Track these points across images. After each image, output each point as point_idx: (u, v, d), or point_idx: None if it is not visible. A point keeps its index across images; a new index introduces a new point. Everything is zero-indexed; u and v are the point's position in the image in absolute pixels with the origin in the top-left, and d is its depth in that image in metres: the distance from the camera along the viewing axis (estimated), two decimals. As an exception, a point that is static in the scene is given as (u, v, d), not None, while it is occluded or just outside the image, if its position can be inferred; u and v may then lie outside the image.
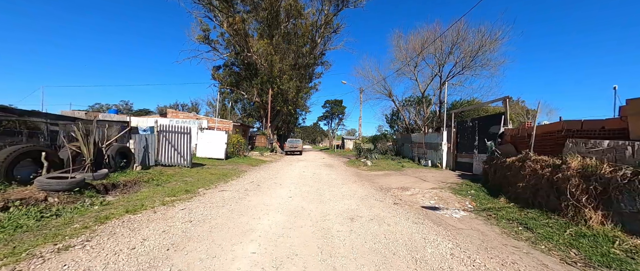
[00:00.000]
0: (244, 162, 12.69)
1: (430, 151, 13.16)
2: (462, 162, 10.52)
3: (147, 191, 5.44)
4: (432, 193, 6.10)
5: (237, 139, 14.49)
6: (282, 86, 26.64)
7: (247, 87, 29.78)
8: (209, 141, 12.41)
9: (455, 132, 11.03)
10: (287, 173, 9.65)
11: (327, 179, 8.11)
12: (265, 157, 17.87)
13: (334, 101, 54.52)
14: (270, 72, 26.80)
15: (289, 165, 12.96)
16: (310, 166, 12.95)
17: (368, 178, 8.88)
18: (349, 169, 11.91)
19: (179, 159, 8.89)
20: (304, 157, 21.00)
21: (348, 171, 11.04)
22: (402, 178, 8.90)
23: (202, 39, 28.21)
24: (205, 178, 7.50)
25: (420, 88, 17.34)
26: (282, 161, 15.49)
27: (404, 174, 9.74)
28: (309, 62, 30.73)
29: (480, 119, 9.73)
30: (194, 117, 17.18)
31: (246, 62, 28.66)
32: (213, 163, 11.30)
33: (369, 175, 9.79)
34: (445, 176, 9.11)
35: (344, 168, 12.84)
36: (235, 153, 14.60)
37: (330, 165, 13.89)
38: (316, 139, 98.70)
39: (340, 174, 9.89)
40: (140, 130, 14.22)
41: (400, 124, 19.96)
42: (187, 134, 8.81)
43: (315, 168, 12.05)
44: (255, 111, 32.77)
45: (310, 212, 4.16)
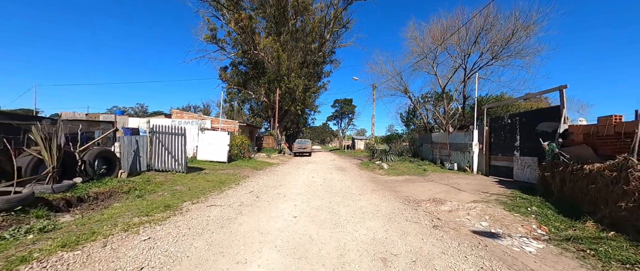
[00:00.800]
0: (248, 165, 11.66)
1: (455, 152, 11.62)
2: (498, 166, 8.97)
3: (120, 206, 4.41)
4: (477, 209, 4.73)
5: (241, 140, 13.52)
6: (290, 85, 25.61)
7: (255, 87, 29.00)
8: (210, 143, 11.46)
9: (488, 131, 9.49)
10: (294, 179, 8.48)
11: (340, 188, 6.87)
12: (272, 159, 16.84)
13: (343, 100, 53.11)
14: (278, 71, 25.85)
15: (296, 169, 11.81)
16: (320, 169, 11.75)
17: (388, 186, 7.56)
18: (364, 174, 10.61)
19: (173, 163, 7.92)
20: (313, 159, 19.85)
21: (363, 176, 9.74)
22: (429, 185, 7.51)
23: (209, 39, 27.66)
24: (198, 186, 6.44)
25: (440, 83, 15.74)
26: (289, 164, 14.39)
27: (429, 181, 8.34)
28: (317, 60, 29.57)
29: (523, 115, 8.18)
30: (198, 118, 16.41)
31: (253, 61, 27.87)
32: (213, 167, 10.31)
33: (388, 181, 8.46)
34: (482, 183, 7.64)
35: (358, 171, 11.54)
36: (240, 155, 13.63)
37: (342, 168, 12.63)
38: (325, 140, 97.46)
39: (354, 180, 8.62)
40: (141, 132, 13.50)
41: (418, 122, 18.37)
42: (180, 135, 7.83)
43: (325, 172, 10.84)
44: (263, 111, 31.95)
45: (321, 246, 2.94)
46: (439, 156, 13.21)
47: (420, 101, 18.49)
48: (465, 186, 7.21)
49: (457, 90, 15.74)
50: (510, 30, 11.41)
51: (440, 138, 13.26)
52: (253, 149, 17.29)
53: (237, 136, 13.77)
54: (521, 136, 7.96)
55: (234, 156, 13.37)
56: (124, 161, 7.05)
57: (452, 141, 11.80)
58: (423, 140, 15.96)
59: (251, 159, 14.37)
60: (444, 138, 12.79)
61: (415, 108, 18.23)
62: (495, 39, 12.07)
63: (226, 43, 28.66)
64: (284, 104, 27.96)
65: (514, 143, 8.25)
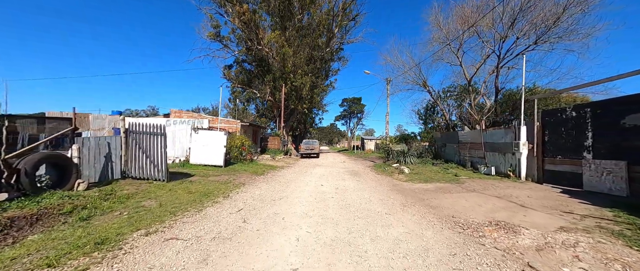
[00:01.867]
0: (248, 170, 10.18)
1: (492, 154, 9.74)
2: (556, 171, 7.09)
3: (36, 240, 2.95)
4: (584, 246, 2.99)
5: (241, 141, 12.08)
6: (296, 82, 24.14)
7: (259, 86, 27.71)
8: (204, 144, 10.05)
9: (540, 127, 7.61)
10: (299, 188, 6.90)
11: (358, 202, 5.23)
12: (276, 161, 15.36)
13: (352, 99, 51.25)
14: (283, 67, 24.45)
15: (303, 173, 10.24)
16: (329, 174, 10.13)
17: (418, 197, 5.86)
18: (382, 180, 8.91)
19: (152, 169, 6.50)
20: (321, 161, 18.24)
21: (382, 183, 8.05)
22: (474, 197, 5.75)
23: (212, 37, 26.56)
24: (174, 200, 4.96)
25: (465, 74, 13.81)
26: (295, 167, 12.84)
27: (469, 190, 6.57)
28: (325, 56, 27.98)
29: (598, 105, 6.28)
30: (198, 117, 15.14)
31: (258, 58, 26.58)
32: (206, 172, 8.88)
33: (415, 190, 6.75)
34: (546, 195, 5.81)
35: (374, 176, 9.85)
36: (240, 158, 12.19)
37: (354, 172, 10.95)
38: (333, 140, 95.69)
39: (374, 189, 6.95)
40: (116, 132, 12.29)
41: (439, 120, 16.46)
42: (159, 135, 6.40)
43: (336, 177, 9.21)
44: (269, 110, 30.64)
45: None
46: (469, 158, 11.31)
47: (440, 95, 16.56)
48: (527, 199, 5.41)
49: (486, 82, 13.76)
50: (562, 5, 9.40)
51: (471, 137, 11.36)
52: (256, 151, 15.86)
53: (237, 137, 12.35)
54: (595, 132, 6.07)
55: (232, 158, 11.95)
56: (88, 168, 5.67)
57: (487, 141, 9.91)
58: (446, 139, 14.05)
59: (253, 162, 12.91)
60: (475, 136, 10.90)
61: (436, 104, 16.32)
62: (539, 18, 10.09)
63: (230, 41, 27.47)
64: (290, 103, 26.52)
65: (582, 142, 6.36)
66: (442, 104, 16.39)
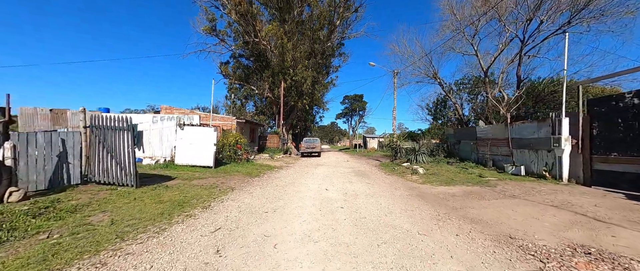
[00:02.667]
0: (241, 171, 8.98)
1: (521, 151, 8.50)
2: (611, 171, 5.85)
3: None
4: None
5: (235, 138, 10.87)
6: (296, 77, 22.91)
7: (258, 82, 26.50)
8: (191, 142, 8.85)
9: (587, 119, 6.36)
10: (299, 193, 5.69)
11: (376, 215, 4.02)
12: (275, 161, 14.17)
13: (353, 96, 49.95)
14: (282, 62, 23.21)
15: (303, 175, 9.03)
16: (334, 175, 8.93)
17: (449, 206, 4.65)
18: (395, 182, 7.69)
19: (118, 172, 5.30)
20: (323, 160, 17.03)
21: (396, 186, 6.84)
22: (520, 206, 4.54)
23: (208, 31, 25.30)
24: (134, 215, 3.76)
25: (481, 64, 12.55)
26: (295, 167, 11.64)
27: (508, 196, 5.34)
28: (326, 50, 26.68)
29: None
30: (190, 113, 13.93)
31: (256, 52, 25.34)
32: (192, 174, 7.68)
33: (439, 196, 5.53)
34: (616, 203, 4.59)
35: (384, 177, 8.63)
36: (234, 157, 10.99)
37: (362, 173, 9.74)
38: (334, 139, 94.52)
39: (389, 194, 5.73)
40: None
41: (451, 115, 15.20)
42: (125, 131, 5.20)
43: (342, 179, 8.00)
44: (267, 107, 29.44)
45: None
46: (490, 155, 10.07)
47: (452, 88, 15.28)
48: (597, 210, 4.18)
49: (504, 72, 12.49)
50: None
51: (492, 132, 10.12)
52: (253, 150, 14.66)
53: (231, 134, 11.14)
54: (672, 123, 4.82)
55: (225, 158, 10.75)
56: (33, 172, 4.47)
57: (515, 136, 8.67)
58: (461, 136, 12.81)
59: (249, 162, 11.71)
60: (498, 131, 9.66)
61: (447, 97, 15.05)
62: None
63: (227, 35, 26.23)
64: (290, 100, 25.31)
65: (651, 136, 5.12)
66: (454, 97, 15.11)
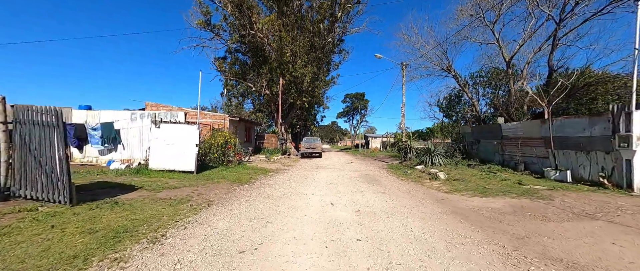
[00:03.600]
0: (229, 176, 7.55)
1: (565, 152, 7.06)
2: None
3: None
4: None
5: (224, 138, 9.44)
6: (296, 73, 21.47)
7: (255, 78, 25.05)
8: (169, 143, 7.41)
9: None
10: (295, 212, 4.25)
11: (412, 254, 2.59)
12: (271, 163, 12.74)
13: (355, 94, 48.47)
14: (281, 57, 21.78)
15: (302, 180, 7.59)
16: (338, 180, 7.49)
17: (510, 233, 3.22)
18: (415, 190, 6.26)
19: (47, 184, 3.87)
20: (324, 161, 15.60)
21: (420, 197, 5.40)
22: (614, 234, 3.11)
23: (202, 25, 23.84)
24: (26, 261, 2.33)
25: (503, 54, 11.11)
26: (293, 170, 10.20)
27: (581, 216, 3.92)
28: (326, 44, 25.23)
29: None
30: (176, 109, 12.51)
31: (253, 47, 23.90)
32: (164, 182, 6.25)
33: (484, 214, 4.10)
34: None
35: (399, 184, 7.19)
36: (224, 159, 9.57)
37: (371, 178, 8.30)
38: (334, 139, 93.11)
39: (416, 210, 4.29)
40: (89, 129, 9.69)
41: (467, 111, 13.72)
42: (53, 127, 3.77)
43: (349, 186, 6.55)
44: (265, 106, 28.02)
45: None
46: (521, 157, 8.63)
47: (468, 82, 13.80)
48: None
49: (530, 62, 11.03)
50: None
51: (522, 130, 8.68)
52: (247, 151, 13.24)
53: (220, 133, 9.71)
54: None
55: (213, 161, 9.32)
56: None
57: (558, 134, 7.21)
58: (480, 134, 11.37)
59: (241, 165, 10.29)
60: (532, 129, 8.21)
61: (462, 92, 13.59)
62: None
63: (222, 29, 24.79)
64: (289, 97, 23.85)
65: None
66: (470, 92, 13.65)
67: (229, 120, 14.31)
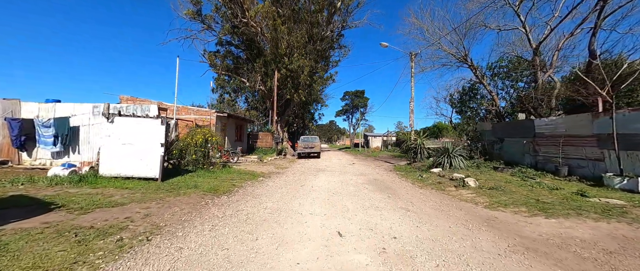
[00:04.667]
0: (203, 185, 5.93)
1: (631, 153, 5.55)
2: None
3: None
4: None
5: (203, 136, 7.80)
6: (292, 66, 19.85)
7: (249, 73, 23.36)
8: (126, 142, 5.77)
9: None
10: (281, 253, 2.66)
11: None
12: (263, 165, 11.12)
13: (354, 92, 46.93)
14: (276, 48, 20.14)
15: (297, 190, 6.00)
16: (342, 189, 5.91)
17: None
18: (445, 204, 4.72)
19: None
20: (324, 162, 14.03)
21: (459, 216, 3.85)
22: None
23: (192, 15, 22.13)
24: None
25: (529, 40, 9.64)
26: (288, 174, 8.61)
27: None
28: (325, 37, 23.59)
29: None
30: (147, 103, 10.84)
31: (247, 39, 22.22)
32: (111, 193, 4.64)
33: (582, 254, 2.55)
34: None
35: (420, 194, 5.65)
36: (204, 162, 7.93)
37: (382, 185, 6.72)
38: (333, 138, 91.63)
39: (469, 244, 2.72)
40: (39, 125, 7.99)
41: (488, 104, 12.18)
42: None
43: (358, 198, 4.98)
44: (260, 102, 26.36)
45: None
46: (564, 159, 7.12)
47: (485, 73, 12.26)
48: None
49: (561, 48, 9.54)
50: None
51: (565, 126, 7.17)
52: (235, 151, 11.61)
53: (200, 130, 8.07)
54: None
55: (190, 164, 7.68)
56: None
57: (622, 131, 5.70)
58: (503, 132, 9.89)
59: (226, 168, 8.69)
60: (579, 124, 6.71)
61: (479, 84, 12.07)
62: None
63: (214, 21, 23.05)
64: (285, 93, 22.23)
65: None
66: (489, 84, 12.13)
67: (216, 116, 12.67)
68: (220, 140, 8.01)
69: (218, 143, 8.35)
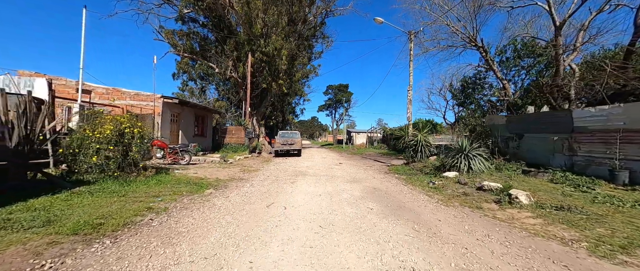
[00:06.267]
0: (70, 219, 3.27)
1: None
2: None
3: None
4: None
5: (114, 126, 4.98)
6: (267, 49, 17.02)
7: (219, 57, 20.03)
8: None
9: None
10: None
11: None
12: (225, 167, 8.44)
13: (338, 86, 44.87)
14: (249, 28, 17.15)
15: (260, 213, 3.54)
16: (334, 207, 3.58)
17: None
18: (503, 239, 2.56)
19: None
20: (305, 162, 11.63)
21: None
22: None
23: (146, -17, 18.24)
24: None
25: (552, 16, 8.02)
26: (253, 182, 6.09)
27: None
28: (307, 20, 20.94)
29: None
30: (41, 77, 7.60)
31: (214, 17, 18.85)
32: None
33: None
34: None
35: (457, 219, 3.48)
36: (116, 168, 5.10)
37: (390, 200, 4.48)
38: (314, 134, 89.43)
39: None
40: None
41: (500, 94, 10.55)
42: None
43: (362, 235, 2.65)
44: (233, 92, 23.07)
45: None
46: (620, 162, 5.41)
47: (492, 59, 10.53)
48: None
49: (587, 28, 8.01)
50: None
51: (625, 119, 5.46)
52: (187, 150, 8.74)
53: (110, 119, 5.20)
54: None
55: (94, 170, 4.84)
56: None
57: None
58: (523, 127, 8.21)
59: (161, 175, 5.95)
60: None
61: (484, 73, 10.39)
62: None
63: (176, -6, 19.23)
64: (261, 81, 19.33)
65: None
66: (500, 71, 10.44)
67: (162, 103, 9.65)
68: (138, 132, 5.22)
69: (146, 136, 5.54)
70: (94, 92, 9.10)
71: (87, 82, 9.41)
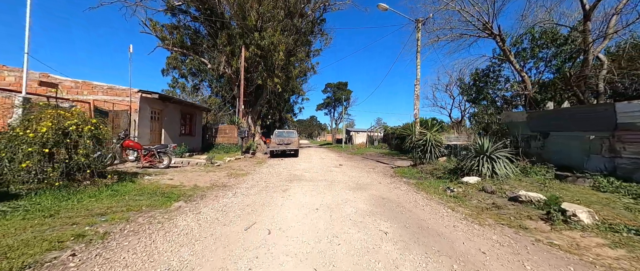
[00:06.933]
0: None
1: None
2: None
3: None
4: None
5: (53, 124, 3.93)
6: (263, 42, 15.96)
7: (211, 51, 18.91)
8: None
9: None
10: None
11: None
12: (210, 171, 7.40)
13: (337, 84, 43.80)
14: (243, 20, 16.08)
15: (236, 238, 2.51)
16: (334, 228, 2.55)
17: None
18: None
19: None
20: (302, 163, 10.59)
21: None
22: None
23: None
24: None
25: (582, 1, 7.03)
26: (236, 192, 5.07)
27: None
28: (304, 13, 19.85)
29: None
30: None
31: (206, 9, 17.70)
32: None
33: None
34: None
35: (483, 238, 2.46)
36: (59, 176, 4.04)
37: (405, 217, 3.46)
38: (313, 133, 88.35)
39: None
40: None
41: (519, 87, 9.51)
42: None
43: None
44: (227, 89, 21.95)
45: None
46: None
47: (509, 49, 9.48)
48: None
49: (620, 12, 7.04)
50: None
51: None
52: (166, 151, 7.66)
53: (50, 113, 4.14)
54: None
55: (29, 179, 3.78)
56: None
57: None
58: (549, 124, 7.23)
59: (126, 181, 4.91)
60: None
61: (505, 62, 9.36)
62: None
63: (165, -15, 18.05)
64: (257, 77, 18.25)
65: None
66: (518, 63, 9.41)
67: (139, 98, 8.57)
68: (98, 133, 4.18)
69: (103, 135, 4.48)
70: (62, 85, 8.01)
71: (54, 75, 8.32)
